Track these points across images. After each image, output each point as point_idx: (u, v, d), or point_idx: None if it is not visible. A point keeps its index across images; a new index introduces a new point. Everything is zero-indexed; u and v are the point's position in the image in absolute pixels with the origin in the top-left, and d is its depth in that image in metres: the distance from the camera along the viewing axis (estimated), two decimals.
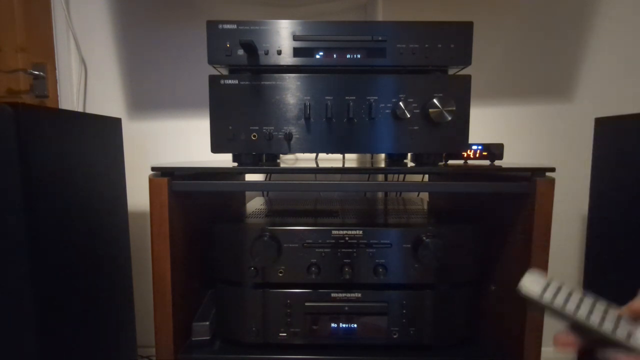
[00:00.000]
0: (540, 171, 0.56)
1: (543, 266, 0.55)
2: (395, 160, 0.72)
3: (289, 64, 0.57)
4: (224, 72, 0.62)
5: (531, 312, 0.32)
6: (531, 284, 0.31)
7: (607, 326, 0.28)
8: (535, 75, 1.04)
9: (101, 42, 1.04)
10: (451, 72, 0.61)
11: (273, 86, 0.58)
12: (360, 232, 0.60)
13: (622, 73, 1.03)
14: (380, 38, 0.57)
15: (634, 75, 1.02)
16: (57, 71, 1.04)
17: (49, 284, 0.60)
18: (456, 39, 0.57)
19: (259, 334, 0.61)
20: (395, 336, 0.60)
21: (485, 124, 1.06)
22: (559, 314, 0.30)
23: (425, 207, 0.84)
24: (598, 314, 0.29)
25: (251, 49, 0.56)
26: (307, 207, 0.82)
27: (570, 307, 0.30)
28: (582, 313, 0.29)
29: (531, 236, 0.55)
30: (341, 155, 0.97)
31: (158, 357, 0.59)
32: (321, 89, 0.58)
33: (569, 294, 0.31)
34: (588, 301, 0.30)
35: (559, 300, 0.30)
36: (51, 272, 0.60)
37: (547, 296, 0.30)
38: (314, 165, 0.75)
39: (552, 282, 0.32)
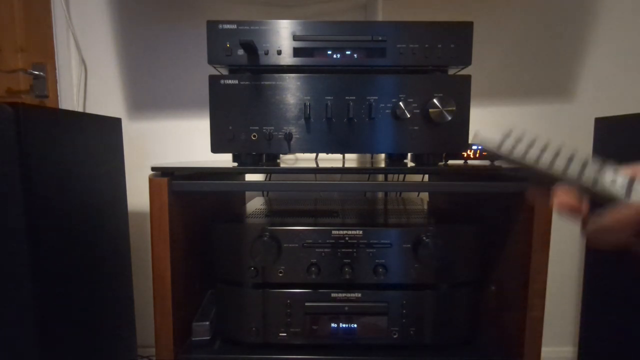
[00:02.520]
0: None
1: (543, 266, 0.55)
2: (395, 160, 0.72)
3: (289, 64, 0.57)
4: (224, 72, 0.62)
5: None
6: (489, 134, 0.28)
7: (573, 169, 0.26)
8: (535, 75, 1.04)
9: (101, 42, 1.04)
10: (451, 72, 0.61)
11: (273, 86, 0.58)
12: (360, 232, 0.60)
13: (622, 73, 1.03)
14: (380, 38, 0.57)
15: (634, 75, 1.02)
16: (57, 71, 1.04)
17: (49, 284, 0.60)
18: (456, 39, 0.57)
19: (259, 334, 0.61)
20: (395, 336, 0.60)
21: (485, 124, 1.06)
22: (518, 163, 0.27)
23: (425, 207, 0.84)
24: (562, 161, 0.26)
25: (251, 49, 0.56)
26: (307, 207, 0.82)
27: (530, 156, 0.27)
28: (542, 160, 0.27)
29: (531, 236, 0.55)
30: (341, 155, 0.97)
31: (158, 357, 0.59)
32: (321, 89, 0.58)
33: (530, 145, 0.28)
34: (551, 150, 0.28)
35: (518, 150, 0.27)
36: (51, 272, 0.60)
37: (506, 146, 0.27)
38: (314, 165, 0.75)
39: (512, 134, 0.29)
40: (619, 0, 1.00)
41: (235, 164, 0.62)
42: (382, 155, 0.94)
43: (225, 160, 0.71)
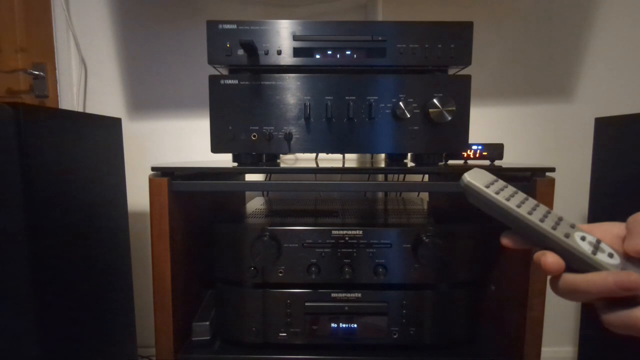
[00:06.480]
0: (540, 171, 0.56)
1: None
2: (395, 160, 0.72)
3: (289, 64, 0.57)
4: (224, 72, 0.62)
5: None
6: (475, 176, 0.30)
7: (547, 224, 0.28)
8: (535, 75, 1.04)
9: (101, 42, 1.04)
10: (451, 72, 0.61)
11: (273, 86, 0.58)
12: (360, 232, 0.60)
13: (622, 73, 1.03)
14: (380, 38, 0.57)
15: (634, 75, 1.02)
16: (57, 71, 1.04)
17: (48, 283, 0.60)
18: (456, 39, 0.57)
19: (259, 334, 0.61)
20: (395, 336, 0.60)
21: (485, 124, 1.06)
22: (498, 208, 0.29)
23: (425, 207, 0.84)
24: (539, 213, 0.29)
25: (251, 49, 0.56)
26: (307, 207, 0.82)
27: (512, 203, 0.29)
28: (522, 210, 0.29)
29: None
30: (341, 156, 0.97)
31: (158, 357, 0.59)
32: (321, 89, 0.58)
33: (513, 193, 0.30)
34: (531, 202, 0.30)
35: (501, 195, 0.29)
36: (51, 272, 0.60)
37: (490, 190, 0.29)
38: (314, 165, 0.75)
39: (497, 181, 0.31)
40: (618, 1, 1.00)
41: (235, 164, 0.62)
42: (382, 155, 0.94)
43: (225, 160, 0.71)
